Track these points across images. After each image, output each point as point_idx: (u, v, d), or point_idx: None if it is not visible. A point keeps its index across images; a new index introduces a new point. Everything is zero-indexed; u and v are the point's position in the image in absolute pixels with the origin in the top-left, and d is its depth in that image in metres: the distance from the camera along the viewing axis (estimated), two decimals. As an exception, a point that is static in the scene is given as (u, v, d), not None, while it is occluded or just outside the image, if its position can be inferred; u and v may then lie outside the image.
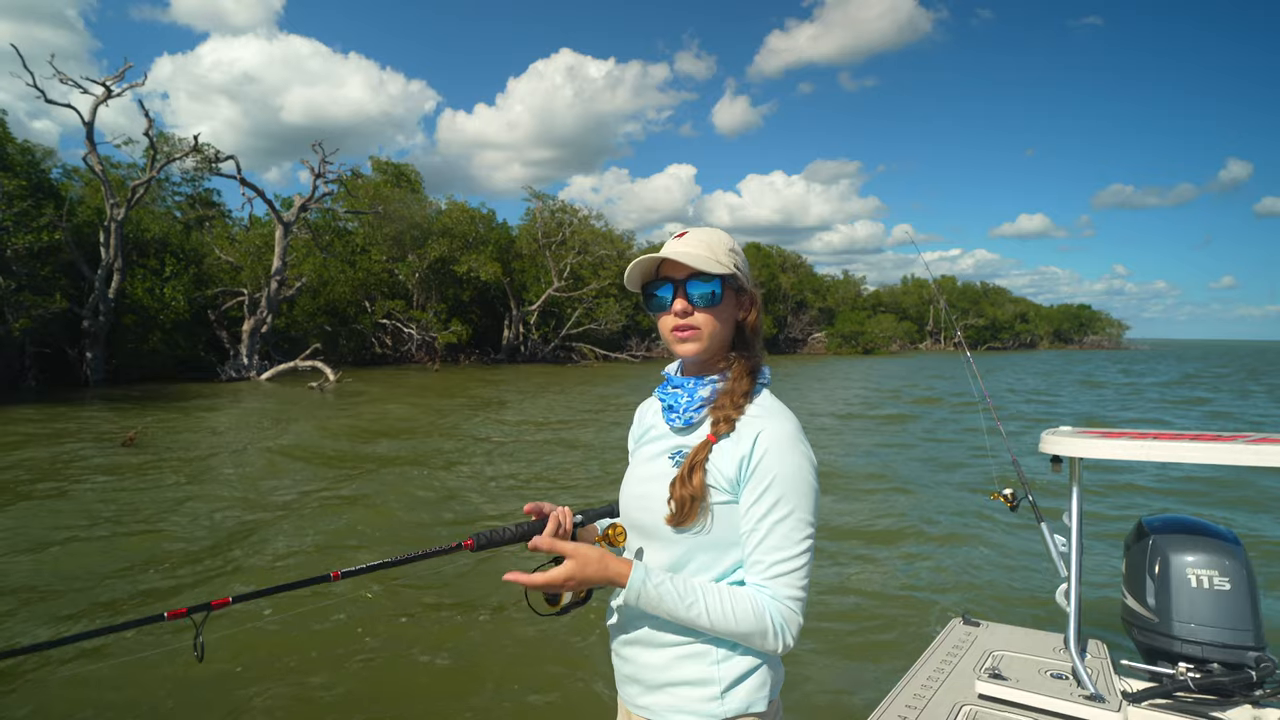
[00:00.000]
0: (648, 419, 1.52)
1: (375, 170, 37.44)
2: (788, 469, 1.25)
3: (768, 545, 1.25)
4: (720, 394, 1.35)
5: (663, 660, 1.31)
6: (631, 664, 1.37)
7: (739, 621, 1.22)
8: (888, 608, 4.81)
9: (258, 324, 24.87)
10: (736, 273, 1.35)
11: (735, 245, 1.39)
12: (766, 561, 1.25)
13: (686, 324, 1.34)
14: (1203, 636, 2.27)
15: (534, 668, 3.97)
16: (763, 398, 1.35)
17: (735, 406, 1.31)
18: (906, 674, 2.48)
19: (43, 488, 7.74)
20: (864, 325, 64.26)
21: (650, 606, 1.24)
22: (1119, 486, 8.71)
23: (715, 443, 1.30)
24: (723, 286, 1.34)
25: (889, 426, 14.61)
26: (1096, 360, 57.85)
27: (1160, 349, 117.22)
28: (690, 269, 1.33)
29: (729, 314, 1.37)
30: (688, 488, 1.26)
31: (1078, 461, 2.46)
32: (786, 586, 1.25)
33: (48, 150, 23.01)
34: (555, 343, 37.26)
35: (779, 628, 1.23)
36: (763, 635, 1.23)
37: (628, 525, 1.40)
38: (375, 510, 7.03)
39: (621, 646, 1.39)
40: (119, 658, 3.82)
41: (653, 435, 1.45)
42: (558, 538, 1.32)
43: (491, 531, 1.35)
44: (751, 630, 1.23)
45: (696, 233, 1.39)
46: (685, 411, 1.36)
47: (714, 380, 1.37)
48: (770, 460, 1.25)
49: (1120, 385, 28.45)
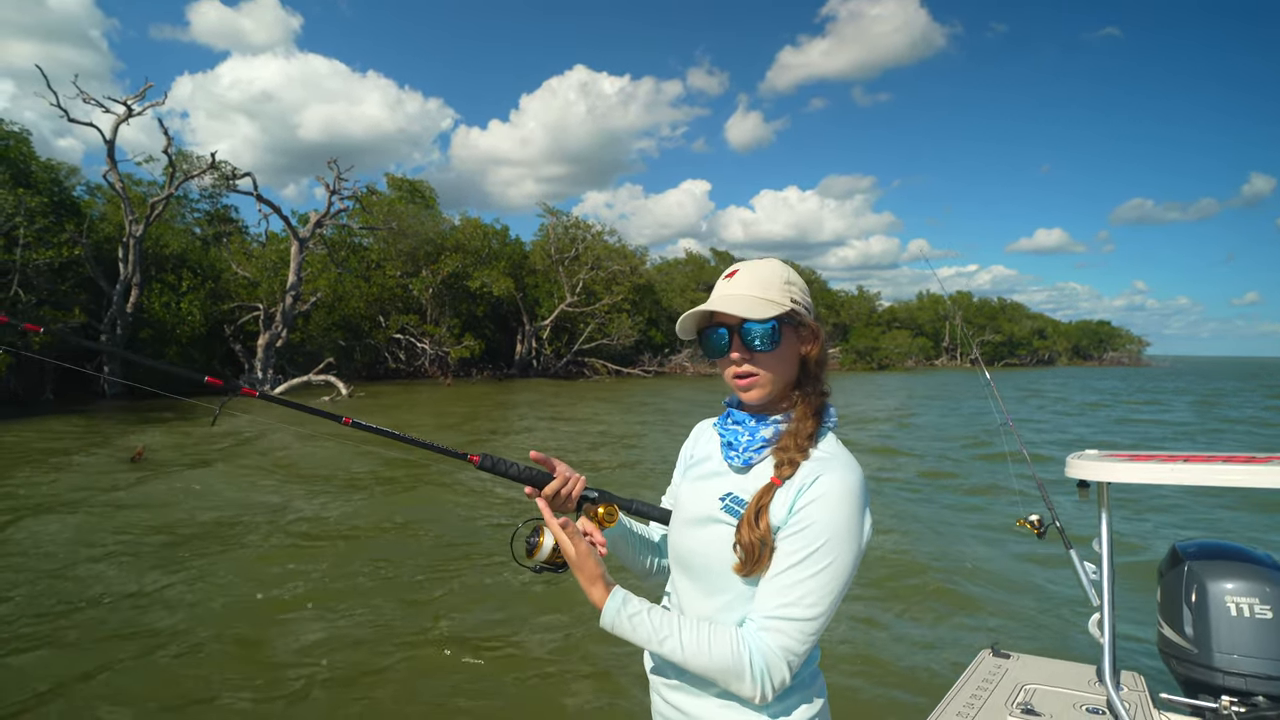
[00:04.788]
0: (703, 446, 1.43)
1: (390, 187, 37.89)
2: (835, 523, 1.16)
3: (781, 587, 1.17)
4: (784, 435, 1.26)
5: (708, 709, 1.24)
6: (672, 707, 1.30)
7: (714, 657, 1.16)
8: (911, 638, 4.65)
9: (273, 338, 25.07)
10: (794, 308, 1.26)
11: (792, 276, 1.30)
12: (774, 604, 1.17)
13: (746, 370, 1.26)
14: (1245, 668, 2.16)
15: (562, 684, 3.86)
16: (827, 442, 1.27)
17: (799, 449, 1.23)
18: (936, 709, 2.37)
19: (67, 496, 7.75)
20: (879, 341, 63.90)
21: (624, 635, 1.21)
22: (1143, 509, 8.48)
23: (780, 485, 1.21)
24: (779, 326, 1.25)
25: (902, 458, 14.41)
26: (1110, 378, 57.08)
27: (1181, 366, 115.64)
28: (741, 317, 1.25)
29: (790, 353, 1.28)
30: (756, 532, 1.19)
31: (1105, 486, 2.35)
32: (785, 636, 1.15)
33: (72, 168, 23.51)
34: (568, 358, 37.29)
35: (759, 673, 1.14)
36: (738, 676, 1.14)
37: (682, 566, 1.35)
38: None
39: (662, 687, 1.32)
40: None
41: (708, 469, 1.37)
42: (559, 500, 1.38)
43: (499, 460, 1.41)
44: (726, 668, 1.15)
45: (747, 269, 1.31)
46: (745, 451, 1.28)
47: (777, 421, 1.28)
48: (817, 509, 1.17)
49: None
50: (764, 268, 1.30)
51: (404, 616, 4.79)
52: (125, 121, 21.55)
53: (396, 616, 4.78)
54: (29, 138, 20.69)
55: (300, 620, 4.68)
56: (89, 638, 4.33)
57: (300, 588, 5.24)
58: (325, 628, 4.57)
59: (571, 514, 1.41)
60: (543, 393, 26.89)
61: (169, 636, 4.35)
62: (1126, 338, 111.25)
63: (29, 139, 20.68)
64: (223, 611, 4.77)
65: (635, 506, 1.48)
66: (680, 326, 1.32)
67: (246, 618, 4.69)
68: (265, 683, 3.85)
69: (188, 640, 4.31)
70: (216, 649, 4.23)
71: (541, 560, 1.33)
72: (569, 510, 1.40)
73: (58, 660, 4.03)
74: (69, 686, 3.76)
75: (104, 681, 3.82)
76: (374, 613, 4.83)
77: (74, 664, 3.98)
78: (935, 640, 4.63)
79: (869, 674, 4.14)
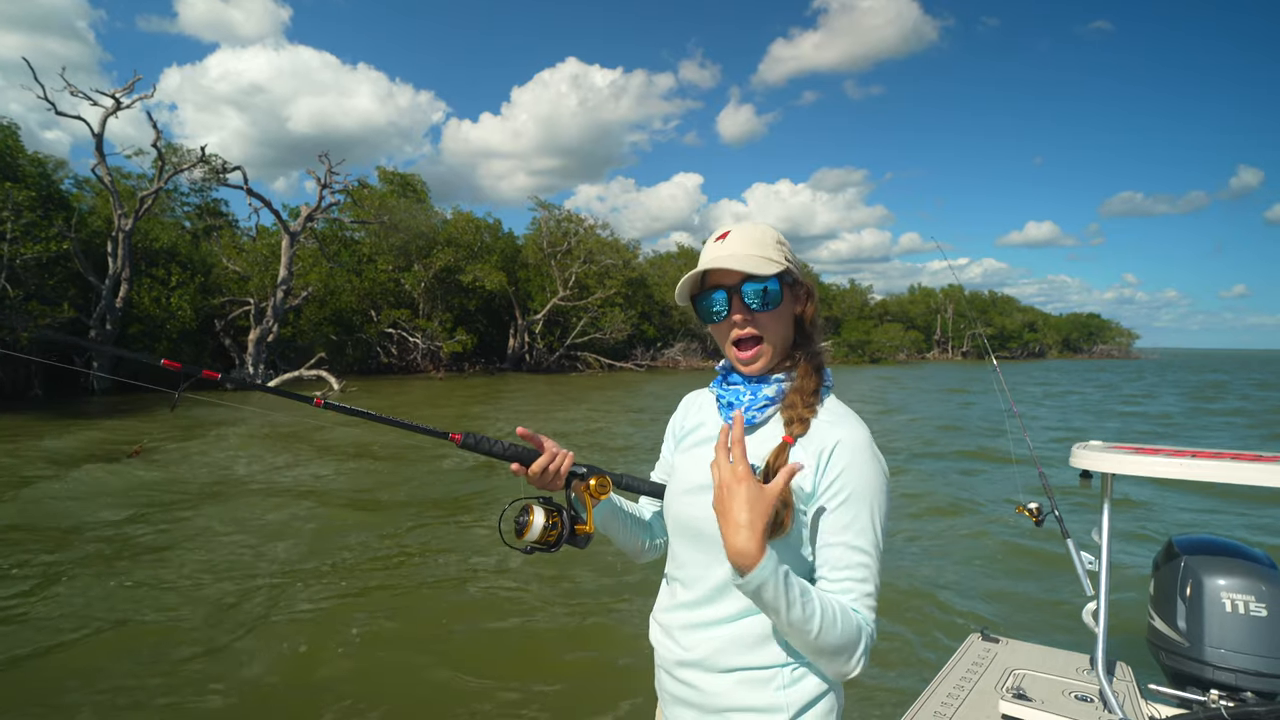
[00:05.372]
0: (694, 415, 1.40)
1: (382, 180, 37.65)
2: (871, 480, 1.17)
3: (854, 563, 1.15)
4: (789, 392, 1.24)
5: (723, 686, 1.21)
6: (685, 686, 1.26)
7: (842, 634, 1.09)
8: (900, 621, 4.70)
9: (264, 333, 24.92)
10: (790, 266, 1.25)
11: (780, 236, 1.29)
12: (856, 575, 1.15)
13: (749, 333, 1.24)
14: (1236, 664, 2.18)
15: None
16: (831, 401, 1.26)
17: (807, 406, 1.21)
18: (925, 690, 2.40)
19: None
20: (870, 334, 64.00)
21: (770, 597, 1.05)
22: (1136, 502, 8.55)
23: (792, 444, 1.19)
24: (779, 284, 1.23)
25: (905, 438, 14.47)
26: (1106, 371, 57.47)
27: (1170, 358, 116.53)
28: (741, 273, 1.23)
29: (788, 312, 1.27)
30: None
31: (1109, 478, 2.37)
32: (872, 601, 1.16)
33: (60, 161, 23.25)
34: (560, 352, 37.25)
35: (867, 647, 1.13)
36: (850, 654, 1.11)
37: (690, 537, 1.28)
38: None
39: (674, 666, 1.28)
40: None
41: (703, 434, 1.34)
42: (548, 477, 1.31)
43: (482, 437, 1.32)
44: (846, 645, 1.10)
45: (740, 230, 1.28)
46: (749, 410, 1.25)
47: (779, 379, 1.26)
48: (851, 474, 1.16)
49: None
50: (756, 229, 1.28)
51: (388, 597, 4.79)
52: (113, 114, 21.33)
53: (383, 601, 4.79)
54: (16, 131, 20.46)
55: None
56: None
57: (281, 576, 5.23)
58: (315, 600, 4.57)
59: (560, 491, 1.36)
60: (536, 387, 26.87)
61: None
62: (1116, 330, 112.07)
63: (16, 132, 20.43)
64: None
65: (626, 481, 1.42)
66: (678, 291, 1.30)
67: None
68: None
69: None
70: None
71: (532, 540, 1.29)
72: (557, 487, 1.34)
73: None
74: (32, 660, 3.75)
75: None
76: (350, 592, 4.83)
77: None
78: (922, 623, 4.68)
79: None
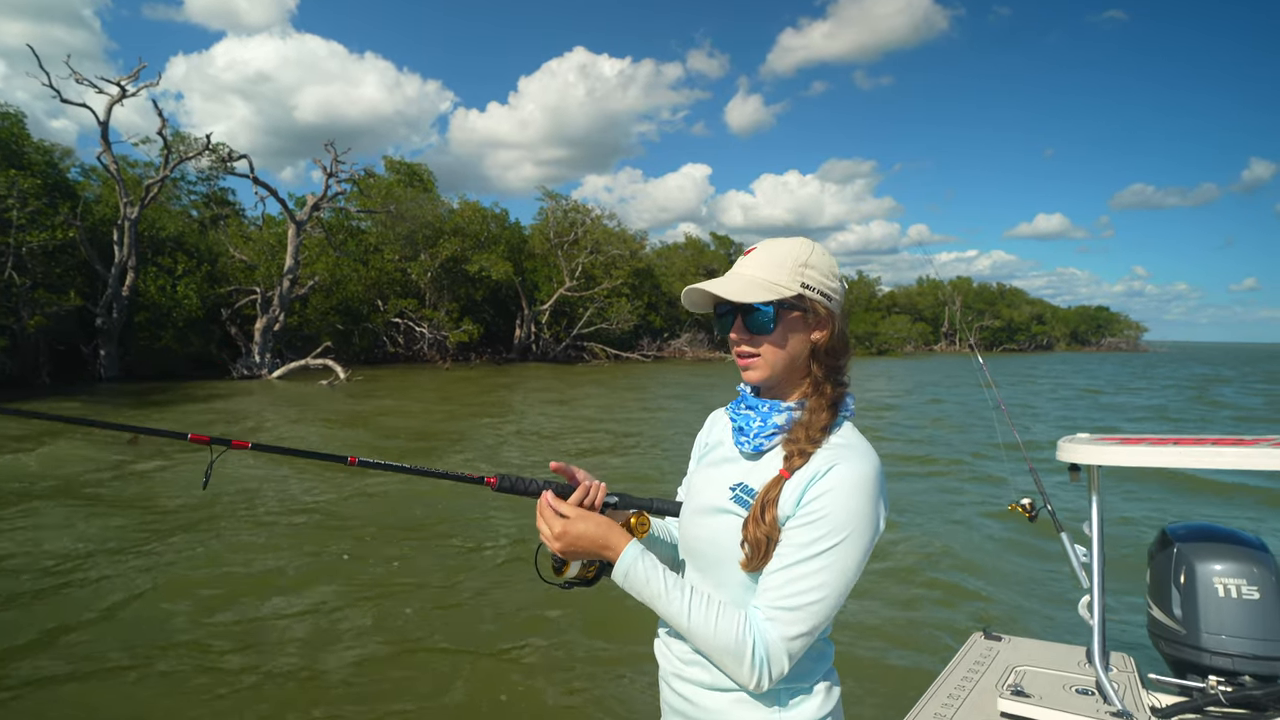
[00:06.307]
0: (717, 433, 1.41)
1: (388, 170, 37.62)
2: (846, 514, 1.14)
3: (788, 579, 1.15)
4: (796, 425, 1.23)
5: (721, 704, 1.22)
6: (682, 698, 1.28)
7: (718, 634, 1.14)
8: (904, 622, 4.66)
9: (270, 322, 25.03)
10: (804, 292, 1.22)
11: (813, 258, 1.24)
12: (779, 594, 1.15)
13: (746, 351, 1.25)
14: (1233, 648, 2.18)
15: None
16: (844, 430, 1.24)
17: (810, 440, 1.20)
18: (927, 691, 2.38)
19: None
20: (878, 326, 63.85)
21: (636, 587, 1.18)
22: (1132, 495, 8.50)
23: (788, 479, 1.18)
24: (777, 312, 1.22)
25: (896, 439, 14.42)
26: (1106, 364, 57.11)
27: (1179, 351, 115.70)
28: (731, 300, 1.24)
29: (794, 337, 1.24)
30: (762, 527, 1.17)
31: (1096, 470, 2.35)
32: (791, 625, 1.13)
33: (66, 149, 23.34)
34: (566, 342, 37.27)
35: (759, 660, 1.12)
36: (738, 659, 1.13)
37: (692, 556, 1.33)
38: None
39: (674, 679, 1.30)
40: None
41: (719, 455, 1.35)
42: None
43: (517, 478, 1.31)
44: (728, 648, 1.13)
45: (764, 249, 1.27)
46: (755, 437, 1.25)
47: (790, 408, 1.25)
48: (829, 500, 1.14)
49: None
50: (780, 248, 1.26)
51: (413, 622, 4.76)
52: (119, 102, 21.39)
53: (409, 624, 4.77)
54: (23, 119, 20.53)
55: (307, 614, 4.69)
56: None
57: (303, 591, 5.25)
58: (328, 627, 4.58)
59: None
60: (542, 377, 26.89)
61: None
62: (1125, 323, 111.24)
63: (22, 120, 20.51)
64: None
65: (655, 505, 1.43)
66: (686, 298, 1.31)
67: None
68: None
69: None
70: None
71: (571, 576, 1.28)
72: None
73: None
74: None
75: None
76: (380, 621, 4.84)
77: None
78: (926, 624, 4.65)
79: (860, 658, 4.15)
